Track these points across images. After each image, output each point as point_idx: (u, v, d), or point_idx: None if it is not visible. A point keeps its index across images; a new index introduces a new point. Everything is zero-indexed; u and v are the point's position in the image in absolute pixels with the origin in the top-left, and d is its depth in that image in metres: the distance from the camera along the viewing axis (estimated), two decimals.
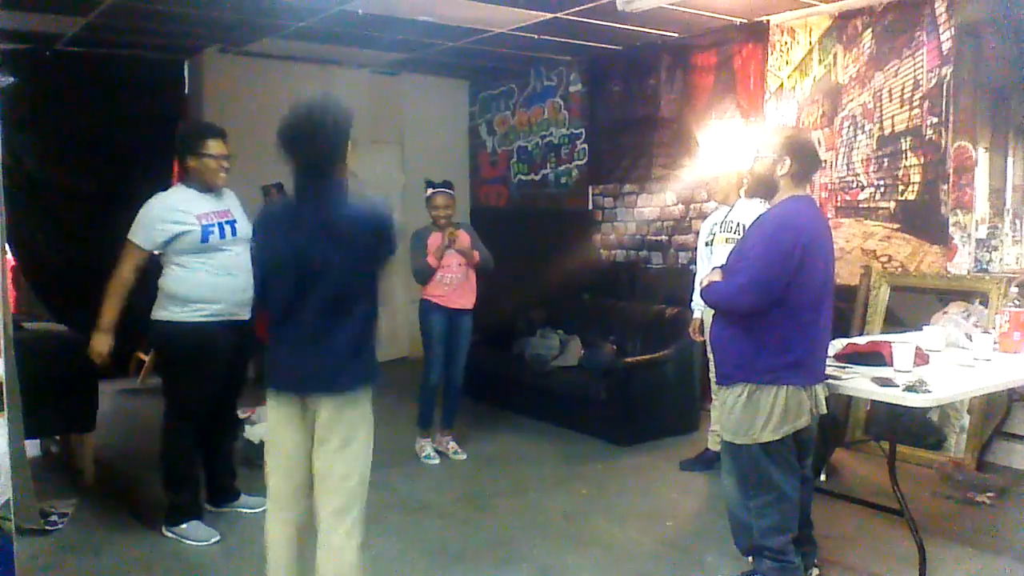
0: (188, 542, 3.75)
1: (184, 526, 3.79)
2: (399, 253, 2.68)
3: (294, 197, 2.55)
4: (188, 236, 3.62)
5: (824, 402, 3.07)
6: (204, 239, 3.64)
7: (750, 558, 3.26)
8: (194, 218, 3.64)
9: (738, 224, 4.42)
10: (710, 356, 4.64)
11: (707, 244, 4.72)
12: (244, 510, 4.03)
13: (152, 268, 3.75)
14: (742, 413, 2.99)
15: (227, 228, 3.72)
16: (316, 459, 2.49)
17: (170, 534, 3.80)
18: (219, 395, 3.85)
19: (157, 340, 3.91)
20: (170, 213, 3.64)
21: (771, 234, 2.96)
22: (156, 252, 3.69)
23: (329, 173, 2.46)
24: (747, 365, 2.99)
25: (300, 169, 2.47)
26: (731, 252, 3.21)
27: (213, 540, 3.77)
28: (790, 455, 3.06)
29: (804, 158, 3.04)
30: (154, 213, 3.65)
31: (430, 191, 4.98)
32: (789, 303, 2.91)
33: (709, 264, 4.55)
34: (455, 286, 4.90)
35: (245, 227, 3.78)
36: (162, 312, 3.69)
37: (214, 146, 3.74)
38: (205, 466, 3.99)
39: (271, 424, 2.57)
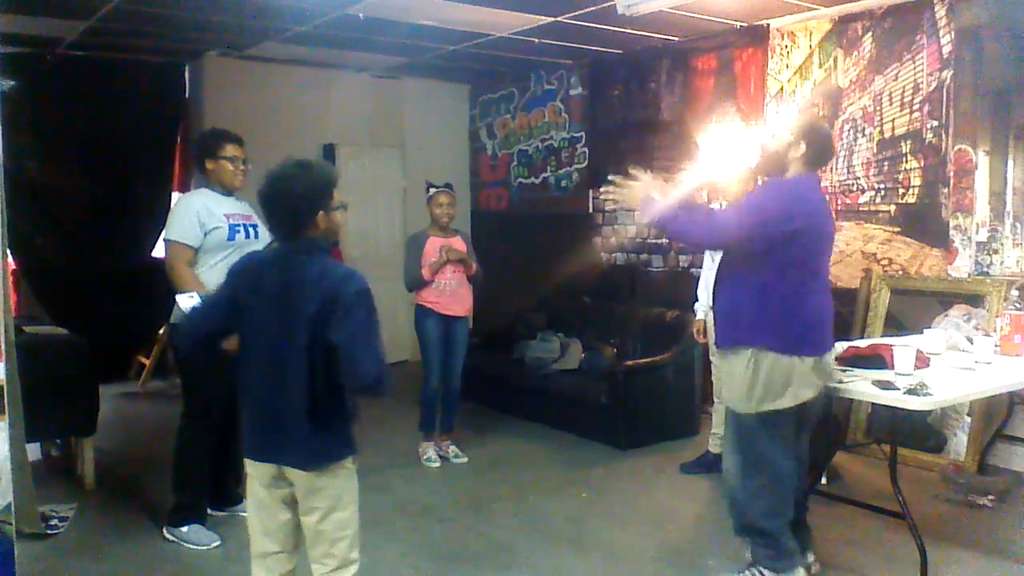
0: (188, 545, 3.75)
1: (185, 529, 3.79)
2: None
3: (274, 250, 2.47)
4: (217, 233, 3.72)
5: (832, 372, 3.10)
6: (231, 237, 3.75)
7: (747, 554, 3.25)
8: (223, 216, 3.76)
9: None
10: (712, 359, 4.66)
11: None
12: (245, 514, 4.01)
13: (159, 274, 3.79)
14: (751, 379, 2.99)
15: (251, 230, 3.84)
16: (303, 523, 2.45)
17: (170, 536, 3.80)
18: (233, 398, 3.86)
19: (176, 342, 3.93)
20: (203, 209, 3.73)
21: (773, 193, 3.04)
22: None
23: (294, 235, 2.39)
24: (757, 330, 2.99)
25: (270, 227, 2.44)
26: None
27: (213, 544, 3.76)
28: (789, 433, 3.06)
29: (818, 145, 3.09)
30: (190, 210, 3.73)
31: (432, 190, 4.98)
32: (803, 269, 2.95)
33: (714, 266, 4.54)
34: (450, 293, 4.90)
35: (264, 231, 3.87)
36: (182, 314, 3.70)
37: (231, 149, 3.86)
38: (211, 468, 3.98)
39: (250, 484, 2.51)
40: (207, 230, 3.71)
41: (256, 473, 2.47)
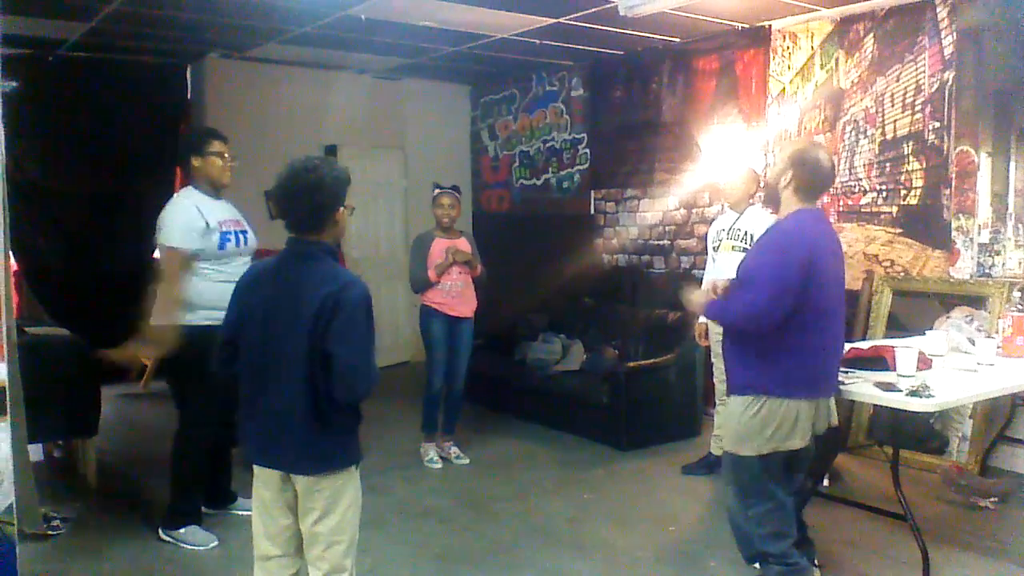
0: (185, 546, 3.76)
1: (182, 531, 3.79)
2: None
3: (280, 255, 2.47)
4: (209, 240, 3.69)
5: (836, 413, 3.08)
6: (222, 246, 3.72)
7: (755, 565, 3.26)
8: (215, 223, 3.72)
9: (746, 233, 4.40)
10: (714, 361, 4.65)
11: (714, 249, 4.71)
12: (241, 512, 4.02)
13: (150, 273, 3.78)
14: (749, 423, 2.98)
15: (240, 237, 3.81)
16: (302, 524, 2.45)
17: (167, 537, 3.81)
18: (227, 399, 3.86)
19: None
20: (197, 215, 3.69)
21: (783, 248, 2.94)
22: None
23: (319, 229, 2.39)
24: (759, 377, 2.98)
25: (287, 227, 2.43)
26: (741, 266, 3.19)
27: (212, 545, 3.77)
28: (780, 471, 3.07)
29: (807, 173, 3.00)
30: (184, 215, 3.69)
31: (436, 191, 4.99)
32: (803, 317, 2.90)
33: (716, 268, 4.53)
34: (455, 294, 4.90)
35: (252, 237, 3.89)
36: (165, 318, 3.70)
37: (218, 145, 3.82)
38: (208, 468, 3.98)
39: (255, 486, 2.51)
40: (203, 234, 3.67)
41: (262, 476, 2.47)
